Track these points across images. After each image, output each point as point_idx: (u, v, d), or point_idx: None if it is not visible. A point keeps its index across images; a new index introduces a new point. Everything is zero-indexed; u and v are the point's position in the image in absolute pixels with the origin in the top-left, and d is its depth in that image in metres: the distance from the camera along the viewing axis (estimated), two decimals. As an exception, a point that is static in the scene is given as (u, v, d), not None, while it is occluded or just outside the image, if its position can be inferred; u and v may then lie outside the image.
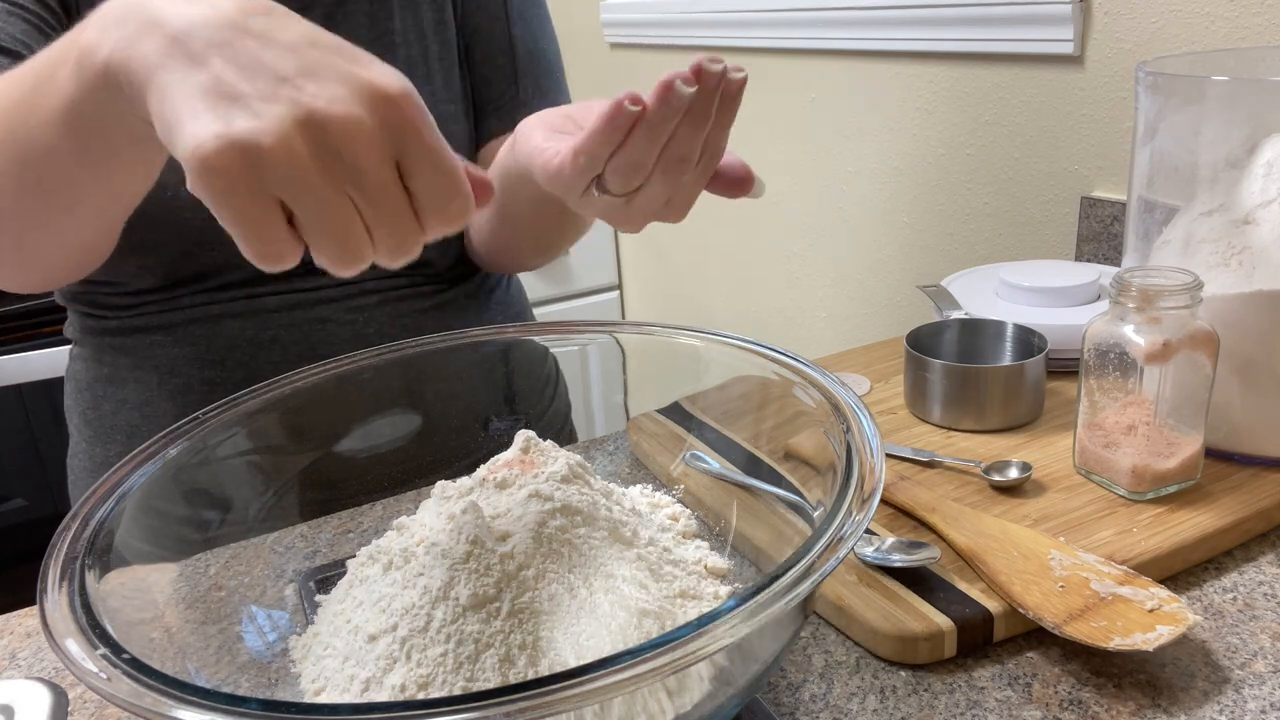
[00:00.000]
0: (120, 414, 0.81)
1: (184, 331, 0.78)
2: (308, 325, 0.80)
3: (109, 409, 0.81)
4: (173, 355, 0.79)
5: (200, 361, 0.79)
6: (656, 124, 0.46)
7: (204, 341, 0.78)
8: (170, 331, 0.79)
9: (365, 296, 0.82)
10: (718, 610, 0.33)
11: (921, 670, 0.52)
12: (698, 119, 0.46)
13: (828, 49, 1.35)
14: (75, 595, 0.38)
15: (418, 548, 0.47)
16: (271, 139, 0.35)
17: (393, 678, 0.42)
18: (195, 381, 0.79)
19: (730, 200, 0.54)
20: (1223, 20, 0.88)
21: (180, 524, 0.51)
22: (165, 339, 0.79)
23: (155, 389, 0.79)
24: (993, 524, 0.59)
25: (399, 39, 0.81)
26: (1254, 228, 0.62)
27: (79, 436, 0.85)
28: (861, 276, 1.41)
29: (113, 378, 0.81)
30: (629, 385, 0.67)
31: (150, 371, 0.79)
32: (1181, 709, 0.47)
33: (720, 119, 0.48)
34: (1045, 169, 1.09)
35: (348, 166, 0.36)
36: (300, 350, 0.80)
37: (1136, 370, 0.61)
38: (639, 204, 0.50)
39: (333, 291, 0.80)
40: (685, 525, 0.57)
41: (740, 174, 0.52)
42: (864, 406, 0.47)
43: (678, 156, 0.48)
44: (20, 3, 0.68)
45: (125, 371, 0.80)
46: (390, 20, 0.81)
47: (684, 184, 0.50)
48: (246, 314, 0.79)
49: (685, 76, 0.44)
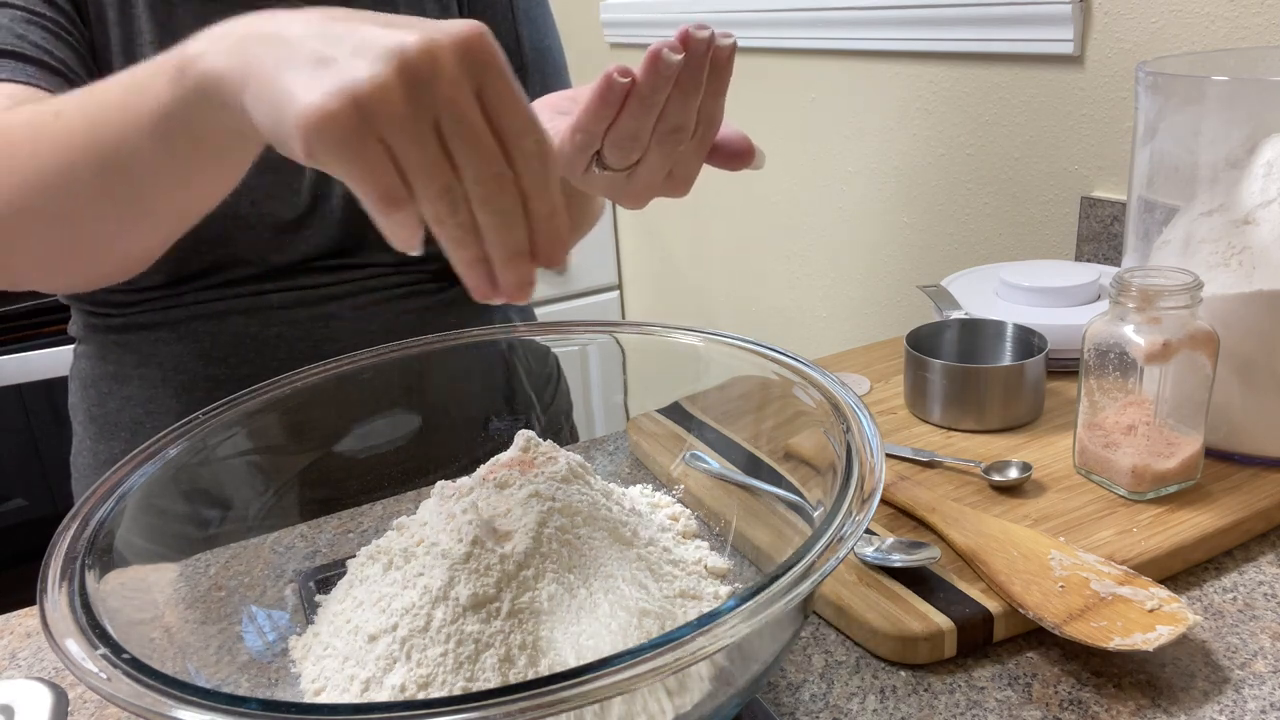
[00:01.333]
0: (125, 411, 0.81)
1: (188, 328, 0.79)
2: (312, 323, 0.80)
3: (114, 406, 0.81)
4: (177, 352, 0.79)
5: (205, 358, 0.79)
6: (647, 95, 0.46)
7: (208, 338, 0.79)
8: (175, 328, 0.79)
9: (369, 294, 0.82)
10: (718, 610, 0.33)
11: (921, 670, 0.52)
12: (689, 87, 0.47)
13: (828, 49, 1.35)
14: (75, 595, 0.38)
15: (418, 548, 0.47)
16: (369, 84, 0.37)
17: (393, 678, 0.42)
18: (199, 378, 0.79)
19: (730, 200, 0.54)
20: (1223, 20, 0.88)
21: (180, 524, 0.51)
22: (170, 335, 0.79)
23: (160, 386, 0.80)
24: (993, 524, 0.59)
25: None
26: (1254, 228, 0.62)
27: (84, 434, 0.85)
28: (861, 276, 1.41)
29: (117, 375, 0.81)
30: (629, 385, 0.67)
31: (154, 368, 0.80)
32: (1181, 709, 0.47)
33: (712, 87, 0.48)
34: (1045, 169, 1.09)
35: (438, 100, 0.38)
36: (304, 347, 0.80)
37: (1136, 370, 0.61)
38: (640, 178, 0.51)
39: (336, 289, 0.81)
40: (685, 525, 0.57)
41: (740, 146, 0.52)
42: (864, 406, 0.47)
43: (672, 127, 0.48)
44: (37, 10, 0.69)
45: (130, 369, 0.80)
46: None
47: (683, 156, 0.50)
48: (251, 311, 0.79)
49: (672, 44, 0.45)
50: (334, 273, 0.81)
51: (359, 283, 0.81)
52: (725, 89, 0.49)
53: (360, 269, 0.82)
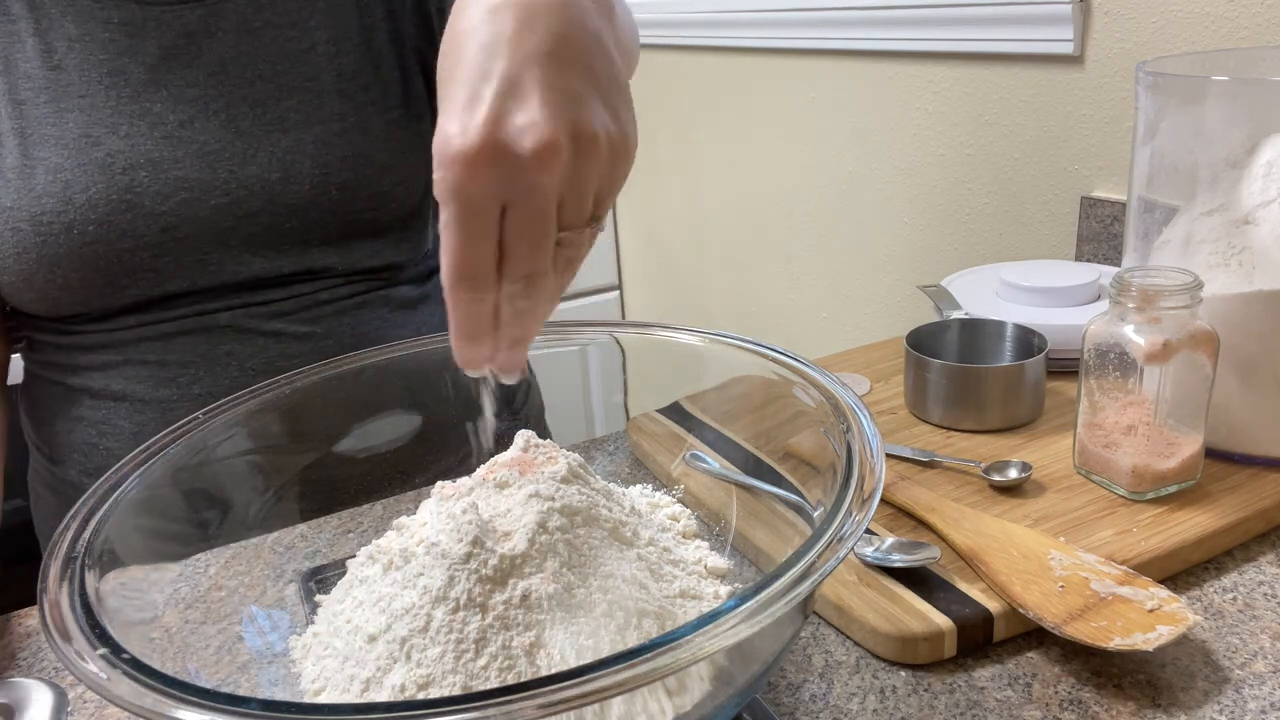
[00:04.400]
0: (75, 432, 0.78)
1: (134, 350, 0.76)
2: (263, 339, 0.77)
3: (63, 427, 0.78)
4: (125, 375, 0.76)
5: (153, 380, 0.76)
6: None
7: (155, 360, 0.76)
8: (120, 349, 0.76)
9: (320, 307, 0.79)
10: (718, 610, 0.33)
11: (921, 670, 0.52)
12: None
13: (828, 49, 1.35)
14: (75, 595, 0.38)
15: (418, 548, 0.47)
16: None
17: (392, 678, 0.42)
18: (150, 401, 0.76)
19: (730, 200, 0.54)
20: (1223, 20, 0.88)
21: (180, 524, 0.51)
22: (115, 358, 0.76)
23: (110, 408, 0.77)
24: (993, 524, 0.59)
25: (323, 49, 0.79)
26: (1254, 228, 0.62)
27: (38, 455, 0.82)
28: (861, 276, 1.41)
29: (65, 395, 0.78)
30: (629, 385, 0.67)
31: (102, 390, 0.76)
32: (1181, 709, 0.47)
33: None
34: (1045, 169, 1.09)
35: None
36: (256, 364, 0.77)
37: (1136, 370, 0.61)
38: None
39: (285, 304, 0.78)
40: (685, 525, 0.57)
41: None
42: (864, 406, 0.47)
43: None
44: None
45: (77, 389, 0.77)
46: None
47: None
48: (197, 331, 0.76)
49: None
50: (281, 287, 0.78)
51: (309, 296, 0.79)
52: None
53: (308, 281, 0.79)
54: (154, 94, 0.74)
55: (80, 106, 0.72)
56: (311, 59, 0.78)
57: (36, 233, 0.70)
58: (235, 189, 0.74)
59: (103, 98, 0.73)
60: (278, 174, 0.75)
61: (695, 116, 1.69)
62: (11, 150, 0.71)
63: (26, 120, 0.72)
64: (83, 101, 0.72)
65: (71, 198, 0.70)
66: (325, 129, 0.77)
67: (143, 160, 0.72)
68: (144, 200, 0.72)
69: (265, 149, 0.75)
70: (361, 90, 0.80)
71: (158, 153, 0.73)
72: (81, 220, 0.70)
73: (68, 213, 0.70)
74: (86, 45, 0.73)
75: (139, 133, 0.73)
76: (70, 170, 0.71)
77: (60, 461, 0.79)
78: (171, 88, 0.74)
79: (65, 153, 0.71)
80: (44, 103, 0.72)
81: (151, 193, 0.72)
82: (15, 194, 0.70)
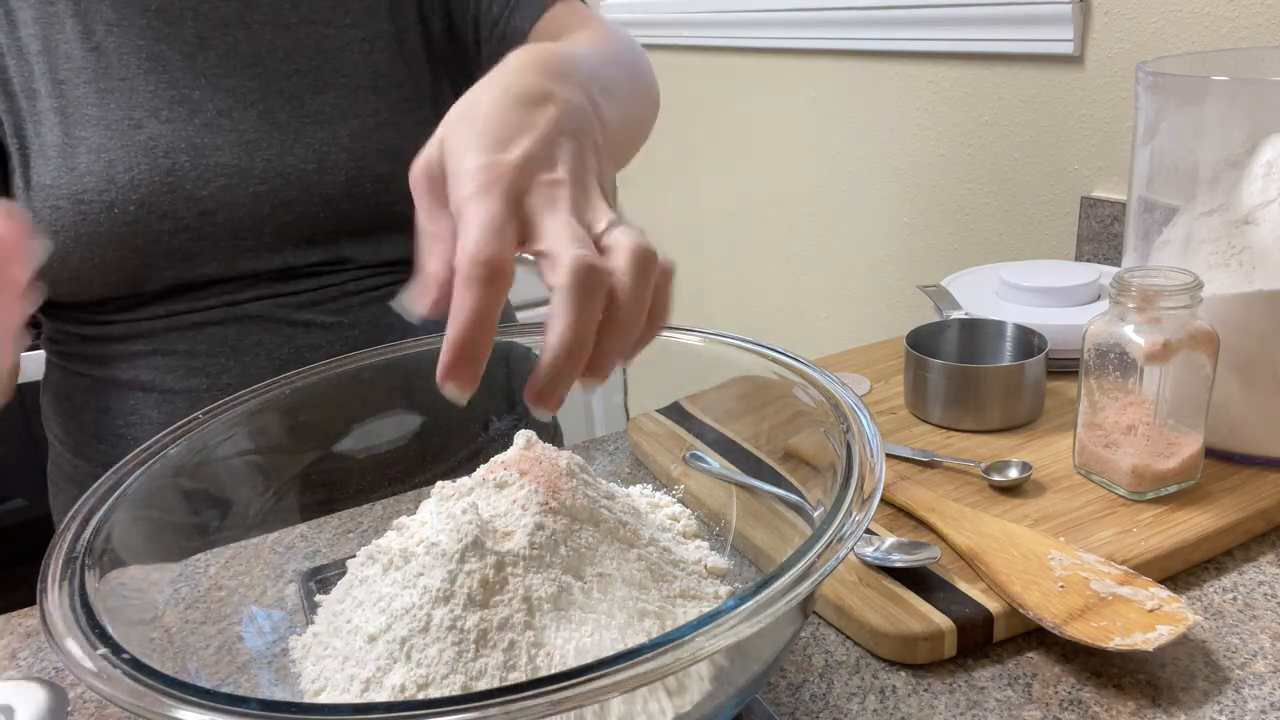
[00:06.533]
0: (103, 423, 0.78)
1: (162, 340, 0.76)
2: (291, 329, 0.78)
3: (90, 418, 0.79)
4: (154, 365, 0.77)
5: (182, 370, 0.76)
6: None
7: (185, 350, 0.76)
8: (149, 339, 0.76)
9: (347, 298, 0.80)
10: (718, 610, 0.33)
11: (921, 670, 0.52)
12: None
13: (828, 49, 1.35)
14: (75, 595, 0.38)
15: (418, 548, 0.47)
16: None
17: (392, 678, 0.42)
18: (179, 390, 0.77)
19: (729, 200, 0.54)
20: (1223, 20, 0.88)
21: (180, 524, 0.51)
22: (144, 348, 0.77)
23: (139, 399, 0.77)
24: (993, 524, 0.59)
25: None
26: (1254, 228, 0.62)
27: (60, 447, 0.82)
28: (861, 276, 1.41)
29: (92, 387, 0.78)
30: (629, 385, 0.67)
31: (131, 380, 0.77)
32: (1181, 709, 0.47)
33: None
34: (1045, 169, 1.09)
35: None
36: (285, 354, 0.78)
37: (1136, 370, 0.61)
38: None
39: (314, 295, 0.79)
40: (685, 525, 0.57)
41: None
42: (864, 406, 0.47)
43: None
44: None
45: (104, 380, 0.78)
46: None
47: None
48: (227, 320, 0.77)
49: None
50: (311, 278, 0.79)
51: (338, 286, 0.80)
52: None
53: (337, 273, 0.80)
54: (193, 81, 0.75)
55: (121, 89, 0.73)
56: (346, 56, 0.79)
57: (76, 211, 0.71)
58: (273, 178, 0.75)
59: (142, 81, 0.74)
60: (314, 165, 0.77)
61: (695, 116, 1.69)
62: (53, 128, 0.73)
63: (67, 100, 0.73)
64: (123, 84, 0.74)
65: (115, 177, 0.71)
66: (361, 123, 0.79)
67: (184, 145, 0.74)
68: (185, 184, 0.73)
69: (302, 141, 0.77)
70: (395, 88, 0.81)
71: (198, 139, 0.74)
72: (123, 200, 0.71)
73: (109, 192, 0.71)
74: (125, 30, 0.74)
75: (179, 118, 0.74)
76: (113, 150, 0.72)
77: (85, 454, 0.80)
78: (209, 76, 0.76)
79: (108, 133, 0.72)
80: (84, 83, 0.73)
81: (192, 177, 0.73)
82: (55, 171, 0.72)
